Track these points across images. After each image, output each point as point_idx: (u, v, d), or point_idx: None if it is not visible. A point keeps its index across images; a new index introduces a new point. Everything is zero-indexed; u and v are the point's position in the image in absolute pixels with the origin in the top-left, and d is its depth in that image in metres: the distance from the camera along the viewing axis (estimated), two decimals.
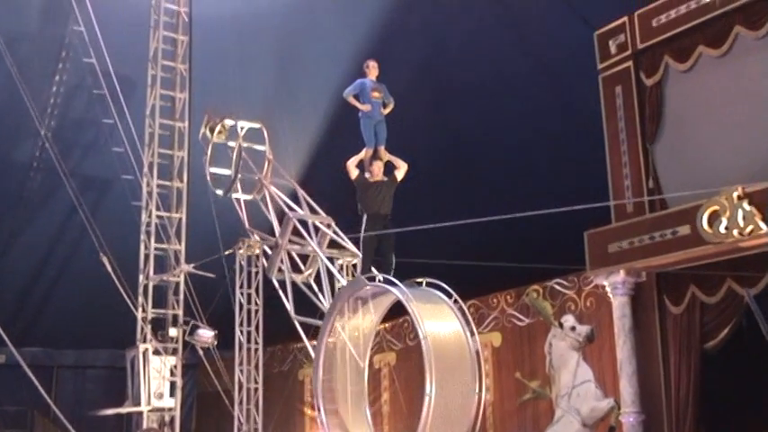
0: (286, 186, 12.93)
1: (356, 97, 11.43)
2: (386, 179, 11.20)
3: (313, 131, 17.60)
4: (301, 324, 11.72)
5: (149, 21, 15.25)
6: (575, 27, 15.77)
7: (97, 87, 14.49)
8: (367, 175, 11.25)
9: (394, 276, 10.56)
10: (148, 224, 14.64)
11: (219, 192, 12.88)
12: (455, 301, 10.36)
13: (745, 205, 12.11)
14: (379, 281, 10.61)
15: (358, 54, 15.12)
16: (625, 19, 14.83)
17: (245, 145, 12.74)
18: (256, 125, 13.10)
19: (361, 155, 11.33)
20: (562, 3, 15.77)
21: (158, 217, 14.69)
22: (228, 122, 13.04)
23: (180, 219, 14.97)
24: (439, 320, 10.13)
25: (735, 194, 12.22)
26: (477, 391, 9.99)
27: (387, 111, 11.47)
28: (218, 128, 12.91)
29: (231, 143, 12.90)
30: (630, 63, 14.73)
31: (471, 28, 16.93)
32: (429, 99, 17.41)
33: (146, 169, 14.77)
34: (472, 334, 10.17)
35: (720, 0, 13.45)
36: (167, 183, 15.03)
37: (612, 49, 15.00)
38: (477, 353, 10.13)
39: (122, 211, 15.18)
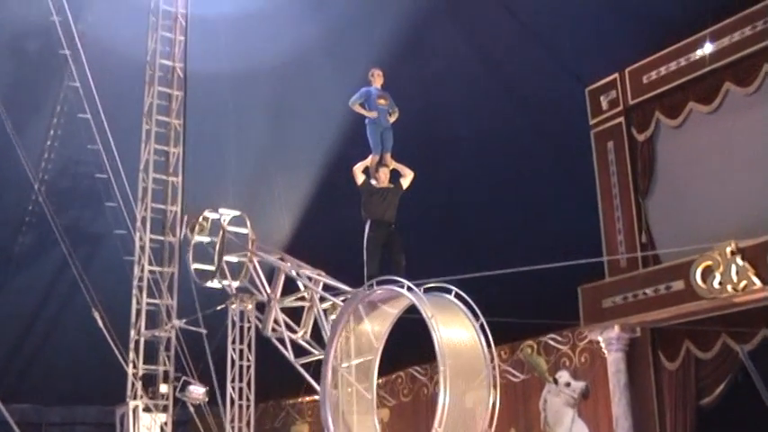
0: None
1: (362, 105, 11.47)
2: (392, 186, 11.16)
3: (307, 185, 17.63)
4: (303, 366, 11.53)
5: (144, 76, 15.31)
6: (566, 83, 15.92)
7: (91, 142, 14.49)
8: (373, 181, 11.19)
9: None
10: (141, 279, 14.54)
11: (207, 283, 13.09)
12: (469, 307, 10.17)
13: (739, 260, 12.16)
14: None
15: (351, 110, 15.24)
16: (616, 75, 15.04)
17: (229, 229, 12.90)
18: (236, 212, 13.25)
19: (367, 161, 11.29)
20: (553, 59, 15.92)
21: (150, 272, 14.61)
22: (209, 215, 13.26)
23: (172, 273, 14.87)
24: (453, 326, 9.98)
25: (728, 250, 12.28)
26: (490, 400, 9.80)
27: (392, 119, 11.48)
28: (197, 226, 13.22)
29: (213, 238, 13.09)
30: (622, 119, 14.92)
31: (463, 83, 17.06)
32: (419, 153, 17.35)
33: (139, 224, 14.72)
34: (487, 341, 9.99)
35: (710, 57, 13.65)
36: (160, 237, 14.97)
37: (604, 105, 15.20)
38: (493, 360, 9.97)
39: (114, 265, 15.09)
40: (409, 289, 10.06)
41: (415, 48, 16.49)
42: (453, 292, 10.19)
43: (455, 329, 9.99)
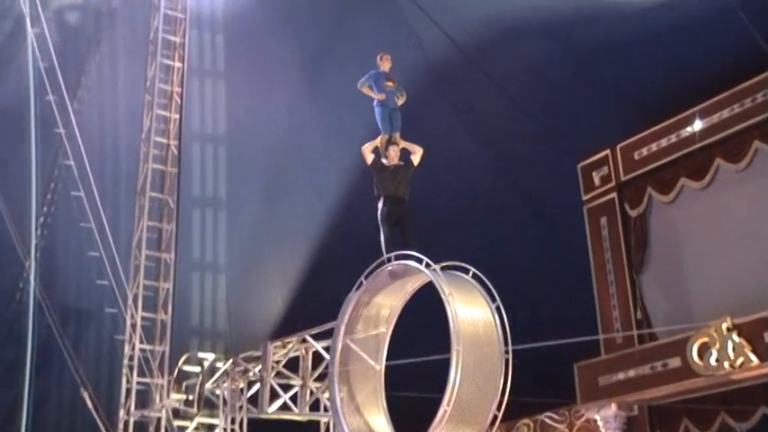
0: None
1: (370, 88, 11.49)
2: (402, 163, 11.12)
3: (300, 261, 17.57)
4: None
5: (139, 153, 15.38)
6: (558, 158, 16.02)
7: (84, 220, 14.46)
8: (383, 160, 11.13)
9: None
10: (131, 358, 14.37)
11: None
12: (487, 289, 9.92)
13: (735, 337, 12.06)
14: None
15: (343, 185, 15.31)
16: (608, 151, 15.14)
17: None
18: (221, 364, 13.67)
19: (376, 141, 11.27)
20: (545, 134, 16.06)
21: (141, 350, 14.44)
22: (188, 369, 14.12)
23: (163, 351, 14.71)
24: (469, 306, 9.70)
25: (724, 326, 12.19)
26: (501, 383, 9.48)
27: (401, 102, 11.56)
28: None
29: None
30: (614, 194, 14.98)
31: (455, 157, 17.16)
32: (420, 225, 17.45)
33: (130, 301, 14.60)
34: (503, 324, 9.71)
35: (700, 133, 13.77)
36: (151, 315, 14.84)
37: (596, 181, 15.27)
38: (507, 344, 9.66)
39: (105, 344, 14.94)
40: (427, 265, 9.88)
41: (408, 122, 16.60)
42: (471, 273, 10.03)
43: (471, 310, 9.73)
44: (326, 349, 11.33)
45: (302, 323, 13.56)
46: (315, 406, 12.53)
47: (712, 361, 12.20)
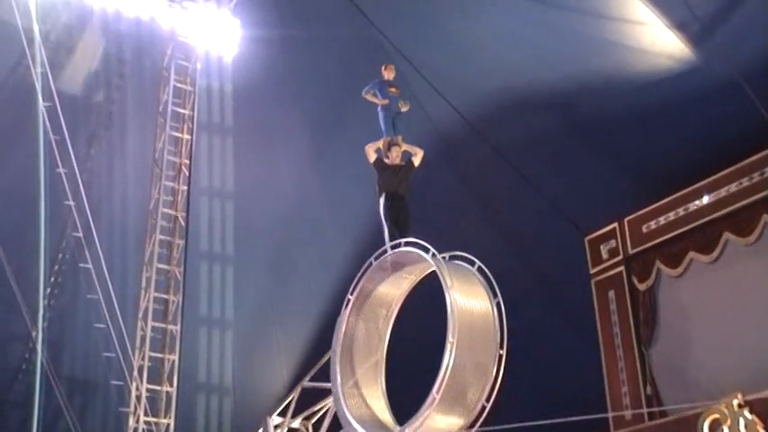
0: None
1: (374, 95, 12.25)
2: (403, 164, 11.84)
3: (306, 334, 17.49)
4: None
5: (146, 224, 15.45)
6: (565, 231, 16.01)
7: (91, 291, 14.46)
8: (385, 159, 11.84)
9: None
10: (135, 430, 14.25)
11: None
12: (489, 283, 10.31)
13: (747, 414, 11.87)
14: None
15: (350, 259, 15.28)
16: (615, 225, 15.13)
17: None
18: None
19: (379, 143, 11.97)
20: (552, 207, 16.07)
21: (146, 423, 14.31)
22: None
23: (168, 425, 14.59)
24: (469, 297, 10.04)
25: (735, 402, 11.99)
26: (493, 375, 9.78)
27: (405, 108, 12.29)
28: None
29: None
30: (622, 268, 14.92)
31: (461, 228, 17.17)
32: (421, 295, 17.44)
33: (135, 373, 14.54)
34: (501, 321, 10.04)
35: (709, 207, 13.76)
36: (157, 387, 14.76)
37: (604, 254, 15.24)
38: (502, 322, 10.02)
39: (110, 416, 14.83)
40: (433, 255, 10.28)
41: (416, 192, 16.69)
42: (477, 266, 10.35)
43: (472, 301, 10.00)
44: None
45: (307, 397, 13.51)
46: None
47: None
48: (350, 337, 11.03)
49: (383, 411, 10.69)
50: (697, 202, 13.95)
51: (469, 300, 10.01)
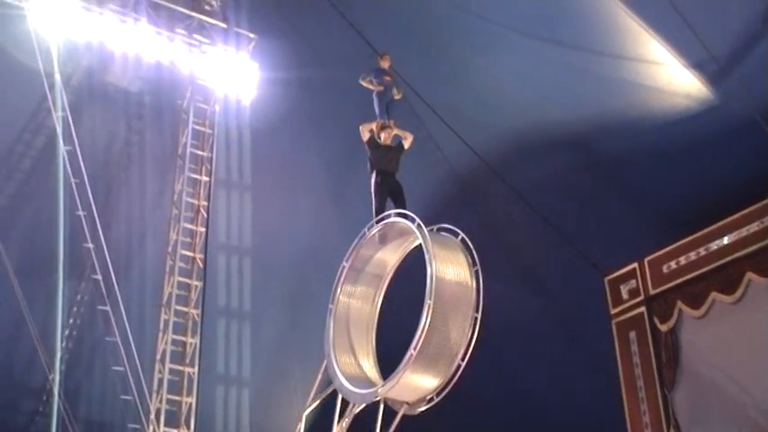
0: None
1: (370, 81, 12.94)
2: (394, 145, 12.54)
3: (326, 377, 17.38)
4: None
5: (165, 266, 15.47)
6: (584, 271, 15.88)
7: (109, 334, 14.44)
8: (377, 139, 12.48)
9: None
10: None
11: None
12: (465, 244, 10.98)
13: None
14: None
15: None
16: (635, 265, 14.97)
17: None
18: None
19: (372, 124, 12.63)
20: (571, 247, 15.96)
21: None
22: None
23: None
24: (450, 264, 10.62)
25: None
26: (474, 317, 10.40)
27: (398, 96, 13.03)
28: None
29: None
30: (643, 309, 14.74)
31: (484, 272, 17.08)
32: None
33: (152, 416, 14.46)
34: (478, 288, 10.60)
35: (730, 246, 13.62)
36: (174, 430, 14.68)
37: (624, 295, 15.08)
38: (479, 288, 10.59)
39: None
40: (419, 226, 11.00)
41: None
42: (460, 237, 11.05)
43: (452, 268, 10.61)
44: None
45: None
46: None
47: None
48: (345, 303, 11.80)
49: (371, 369, 11.30)
50: (718, 242, 13.79)
51: (450, 266, 10.61)
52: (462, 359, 10.15)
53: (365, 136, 12.54)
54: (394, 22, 16.18)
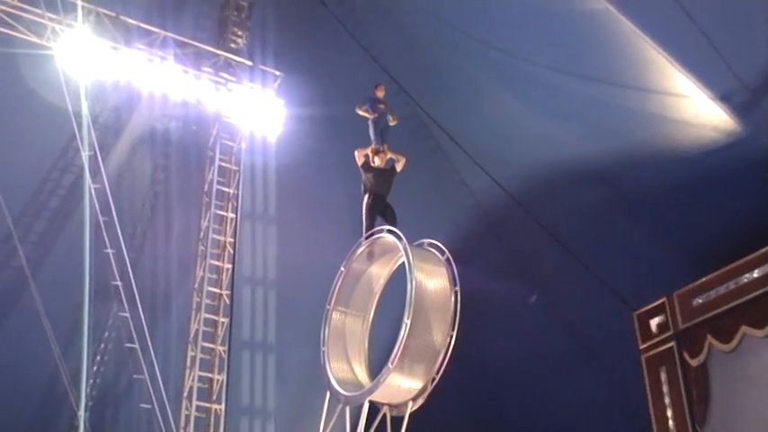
0: None
1: (365, 110, 13.50)
2: (387, 168, 13.12)
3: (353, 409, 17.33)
4: None
5: (192, 303, 15.52)
6: (612, 306, 15.75)
7: (137, 371, 14.46)
8: (371, 163, 13.10)
9: None
10: None
11: None
12: (446, 259, 11.50)
13: None
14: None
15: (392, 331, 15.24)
16: (664, 299, 14.81)
17: None
18: None
19: (367, 149, 13.21)
20: (598, 282, 15.84)
21: None
22: None
23: None
24: (429, 273, 11.25)
25: None
26: (449, 335, 10.98)
27: (393, 122, 13.48)
28: None
29: None
30: (673, 343, 14.55)
31: (506, 304, 17.02)
32: (468, 375, 17.21)
33: None
34: (456, 306, 11.14)
35: (760, 280, 13.46)
36: None
37: (653, 329, 14.90)
38: (457, 302, 11.12)
39: None
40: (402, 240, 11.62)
41: (458, 265, 16.65)
42: (446, 256, 11.54)
43: (433, 284, 11.20)
44: None
45: None
46: None
47: None
48: (341, 314, 12.45)
49: (362, 374, 11.95)
50: (748, 276, 13.63)
51: (431, 282, 11.20)
52: (437, 373, 10.85)
53: (360, 160, 13.19)
54: (418, 58, 16.29)
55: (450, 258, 11.48)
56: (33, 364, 15.52)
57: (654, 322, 14.90)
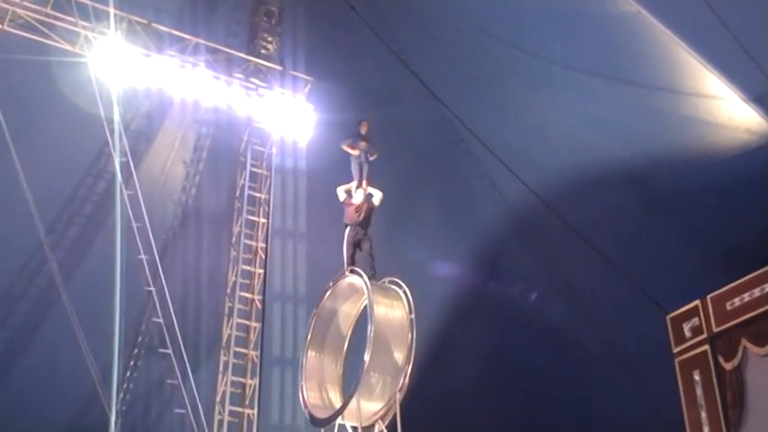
0: None
1: (349, 146, 14.50)
2: (366, 203, 14.24)
3: None
4: None
5: (224, 308, 15.61)
6: (645, 310, 15.64)
7: (170, 376, 14.56)
8: (352, 200, 14.21)
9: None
10: None
11: None
12: (404, 292, 12.92)
13: None
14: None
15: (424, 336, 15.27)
16: (698, 302, 14.65)
17: None
18: None
19: (349, 186, 14.33)
20: (631, 285, 15.73)
21: None
22: None
23: None
24: (389, 306, 12.72)
25: None
26: (406, 360, 12.28)
27: (373, 158, 14.53)
28: None
29: None
30: (707, 347, 14.35)
31: (537, 308, 16.97)
32: (500, 381, 17.21)
33: None
34: (411, 318, 12.62)
35: None
36: None
37: (687, 333, 14.72)
38: (412, 329, 12.49)
39: None
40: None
41: (491, 275, 16.62)
42: (403, 290, 12.97)
43: (393, 312, 12.68)
44: None
45: None
46: None
47: None
48: (318, 343, 13.73)
49: (336, 399, 13.22)
50: None
51: (392, 314, 12.69)
52: (400, 392, 12.01)
53: (341, 197, 14.27)
54: (449, 63, 16.28)
55: (408, 292, 12.87)
56: (66, 371, 15.61)
57: (687, 326, 14.72)
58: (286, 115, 16.62)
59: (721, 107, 13.81)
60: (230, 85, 16.22)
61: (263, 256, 16.04)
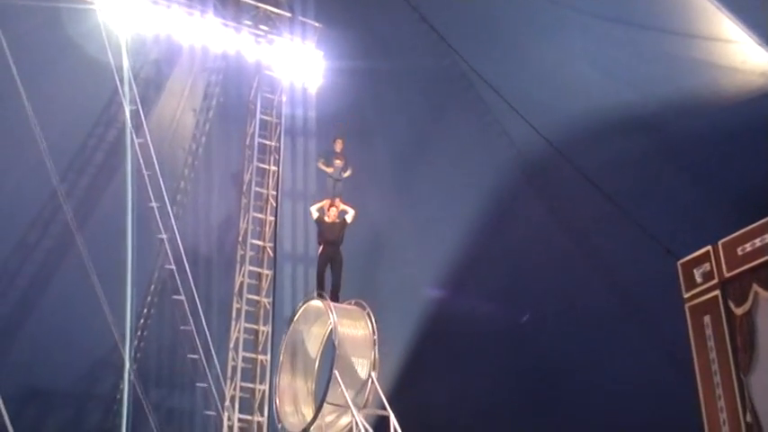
0: None
1: (324, 164, 15.29)
2: (338, 221, 14.83)
3: (392, 364, 17.48)
4: None
5: (236, 255, 15.67)
6: (655, 255, 15.65)
7: (183, 323, 14.67)
8: (326, 218, 14.82)
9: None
10: None
11: None
12: (367, 313, 13.77)
13: None
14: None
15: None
16: (709, 248, 14.65)
17: None
18: None
19: (323, 203, 15.00)
20: (642, 231, 15.74)
21: None
22: None
23: None
24: (352, 326, 13.69)
25: None
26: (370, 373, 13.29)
27: (346, 175, 15.24)
28: None
29: None
30: (718, 292, 14.40)
31: (548, 255, 16.99)
32: (511, 329, 17.33)
33: (228, 403, 14.69)
34: (375, 335, 13.59)
35: None
36: (248, 417, 14.89)
37: (698, 279, 14.75)
38: (374, 348, 13.46)
39: None
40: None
41: (501, 224, 16.62)
42: (366, 311, 13.78)
43: (355, 331, 13.65)
44: None
45: None
46: None
47: None
48: (291, 363, 14.62)
49: (308, 413, 13.95)
50: None
51: (355, 333, 13.63)
52: (365, 407, 13.11)
53: (314, 215, 14.90)
54: (459, 8, 16.09)
55: (371, 313, 13.68)
56: (81, 318, 15.76)
57: (698, 271, 14.75)
58: (296, 62, 16.50)
59: (735, 51, 13.66)
60: (239, 32, 16.04)
61: (274, 204, 16.03)
